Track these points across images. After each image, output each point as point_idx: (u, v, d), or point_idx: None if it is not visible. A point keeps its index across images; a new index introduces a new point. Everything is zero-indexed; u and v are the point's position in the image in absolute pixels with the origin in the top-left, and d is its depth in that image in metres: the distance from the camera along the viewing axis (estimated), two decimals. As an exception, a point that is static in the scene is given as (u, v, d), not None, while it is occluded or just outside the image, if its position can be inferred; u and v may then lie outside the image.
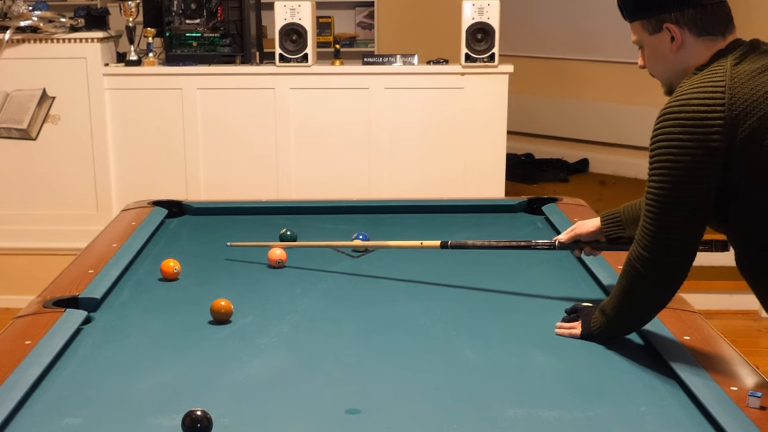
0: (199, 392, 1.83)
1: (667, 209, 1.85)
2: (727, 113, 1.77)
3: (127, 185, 4.67)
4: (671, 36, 1.90)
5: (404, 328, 2.20)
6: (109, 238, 2.88)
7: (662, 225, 1.86)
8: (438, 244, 2.56)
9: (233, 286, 2.48)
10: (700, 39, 1.88)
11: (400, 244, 2.68)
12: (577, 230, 2.39)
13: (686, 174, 1.81)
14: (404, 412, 1.75)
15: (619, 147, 6.77)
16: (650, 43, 1.94)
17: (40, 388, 1.83)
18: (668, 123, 1.82)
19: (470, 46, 4.47)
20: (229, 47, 4.65)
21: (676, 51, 1.90)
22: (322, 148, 4.66)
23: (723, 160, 1.79)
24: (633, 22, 1.96)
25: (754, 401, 1.67)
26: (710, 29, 1.88)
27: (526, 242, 2.52)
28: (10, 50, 4.57)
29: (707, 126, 1.78)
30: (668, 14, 1.88)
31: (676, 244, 1.87)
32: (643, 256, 1.89)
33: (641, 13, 1.93)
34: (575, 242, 2.40)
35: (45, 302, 2.25)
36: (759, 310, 4.62)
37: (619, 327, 2.04)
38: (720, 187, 1.83)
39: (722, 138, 1.78)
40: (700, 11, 1.87)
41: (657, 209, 1.86)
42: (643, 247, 1.89)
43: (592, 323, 2.07)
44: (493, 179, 4.62)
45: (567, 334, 2.11)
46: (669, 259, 1.88)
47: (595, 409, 1.75)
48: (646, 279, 1.91)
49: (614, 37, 6.64)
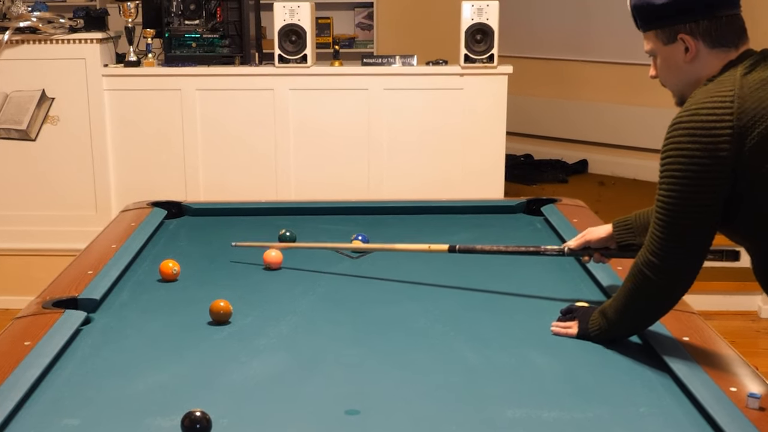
0: (198, 393, 1.83)
1: (675, 217, 1.86)
2: (736, 122, 1.78)
3: (127, 186, 4.67)
4: (685, 47, 1.90)
5: (403, 329, 2.20)
6: (109, 238, 2.88)
7: (671, 232, 1.87)
8: (446, 248, 2.53)
9: (232, 287, 2.48)
10: (714, 50, 1.89)
11: (407, 248, 2.65)
12: (587, 236, 2.36)
13: (695, 183, 1.82)
14: (403, 413, 1.75)
15: (618, 148, 6.77)
16: (664, 53, 1.94)
17: (40, 389, 1.83)
18: (678, 132, 1.84)
19: (469, 47, 4.48)
20: (228, 48, 4.65)
21: (690, 62, 1.91)
22: (321, 149, 4.66)
23: (732, 169, 1.80)
24: (646, 32, 1.96)
25: (753, 402, 1.67)
26: (724, 41, 1.88)
27: (535, 248, 2.50)
28: (9, 51, 4.57)
29: (716, 135, 1.79)
30: (683, 25, 1.88)
31: (685, 251, 1.88)
32: (652, 262, 1.90)
33: (655, 23, 1.93)
34: (585, 249, 2.37)
35: (44, 303, 2.25)
36: (758, 311, 4.62)
37: (619, 330, 2.05)
38: (730, 195, 1.83)
39: (731, 147, 1.78)
40: (714, 23, 1.87)
41: (666, 217, 1.87)
42: (652, 253, 1.90)
43: (590, 325, 2.07)
44: (492, 180, 4.63)
45: (563, 333, 2.12)
46: (677, 265, 1.90)
47: (595, 410, 1.75)
48: (653, 284, 1.92)
49: (613, 39, 6.65)
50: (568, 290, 2.43)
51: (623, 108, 6.66)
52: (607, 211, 5.12)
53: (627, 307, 1.99)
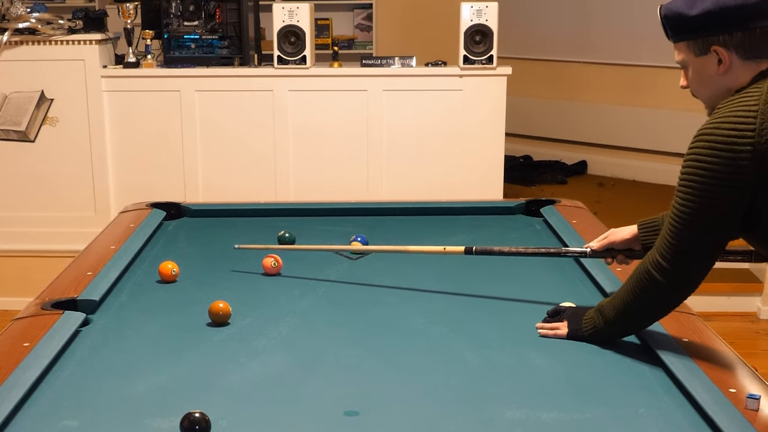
0: (198, 394, 1.83)
1: (688, 226, 1.86)
2: (757, 139, 1.77)
3: (126, 187, 4.67)
4: (719, 59, 1.88)
5: (402, 330, 2.20)
6: (108, 240, 2.88)
7: (683, 239, 1.87)
8: (462, 250, 2.49)
9: (231, 289, 2.48)
10: (747, 62, 1.87)
11: (421, 249, 2.62)
12: (610, 237, 2.33)
13: (711, 196, 1.82)
14: (402, 414, 1.75)
15: (617, 149, 6.78)
16: (696, 64, 1.92)
17: (38, 390, 1.82)
18: (700, 144, 1.83)
19: (468, 48, 4.48)
20: (227, 49, 4.65)
21: (723, 74, 1.89)
22: (320, 150, 4.66)
23: (751, 185, 1.79)
24: (677, 42, 1.94)
25: (752, 403, 1.67)
26: (757, 52, 1.86)
27: (556, 249, 2.49)
28: (8, 52, 4.57)
29: (736, 151, 1.78)
30: (717, 37, 1.86)
31: (694, 258, 1.90)
32: (661, 264, 1.91)
33: (688, 35, 1.90)
34: (608, 250, 2.33)
35: (43, 304, 2.25)
36: (757, 312, 4.63)
37: (615, 330, 2.05)
38: (749, 209, 1.83)
39: (750, 164, 1.77)
40: (748, 35, 1.85)
41: (679, 224, 1.87)
42: (662, 256, 1.91)
43: (584, 324, 2.07)
44: (492, 181, 4.63)
45: (551, 335, 2.11)
46: (685, 270, 1.91)
47: (594, 411, 1.75)
48: (660, 286, 1.92)
49: (612, 40, 6.66)
50: (567, 291, 2.43)
51: (622, 109, 6.67)
52: (606, 212, 5.13)
53: (628, 307, 1.99)
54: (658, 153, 6.57)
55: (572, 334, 2.09)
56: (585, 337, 2.07)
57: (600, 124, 6.80)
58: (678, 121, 6.36)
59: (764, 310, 4.61)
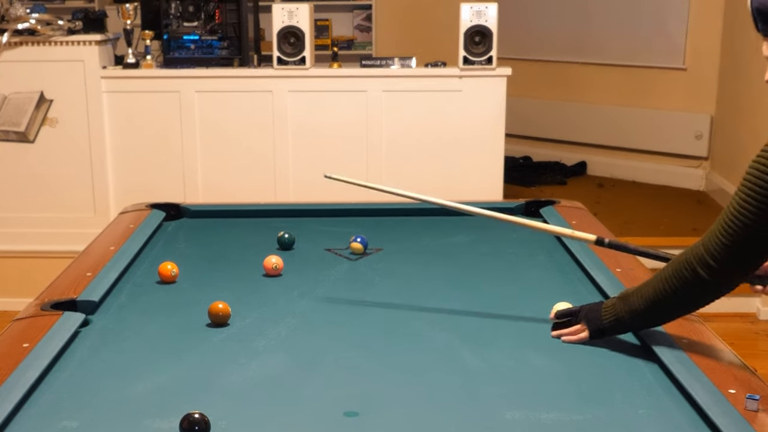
0: (197, 395, 1.83)
1: (743, 228, 1.80)
2: None
3: (125, 188, 4.67)
4: None
5: (402, 331, 2.20)
6: (107, 240, 2.88)
7: (735, 241, 1.81)
8: (593, 239, 2.30)
9: (231, 289, 2.47)
10: None
11: (551, 229, 2.46)
12: None
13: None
14: (402, 415, 1.75)
15: (616, 150, 6.78)
16: None
17: (38, 391, 1.82)
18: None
19: (468, 48, 4.48)
20: (226, 50, 4.66)
21: None
22: (319, 151, 4.66)
23: None
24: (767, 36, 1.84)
25: (752, 404, 1.67)
26: None
27: None
28: (7, 53, 4.57)
29: None
30: None
31: (744, 261, 1.85)
32: (708, 263, 1.86)
33: None
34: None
35: (43, 305, 2.25)
36: (757, 313, 4.63)
37: (638, 320, 2.00)
38: None
39: None
40: None
41: (735, 226, 1.81)
42: (710, 254, 1.85)
43: (603, 314, 2.03)
44: (491, 182, 4.63)
45: (575, 340, 2.07)
46: (734, 272, 1.87)
47: (593, 412, 1.75)
48: (703, 282, 1.88)
49: (612, 41, 6.66)
50: (567, 291, 2.43)
51: (622, 110, 6.66)
52: (606, 213, 5.13)
53: (662, 299, 1.94)
54: (658, 154, 6.57)
55: (594, 332, 2.04)
56: (606, 329, 2.02)
57: (600, 124, 6.80)
58: (678, 122, 6.37)
59: (764, 310, 4.62)
